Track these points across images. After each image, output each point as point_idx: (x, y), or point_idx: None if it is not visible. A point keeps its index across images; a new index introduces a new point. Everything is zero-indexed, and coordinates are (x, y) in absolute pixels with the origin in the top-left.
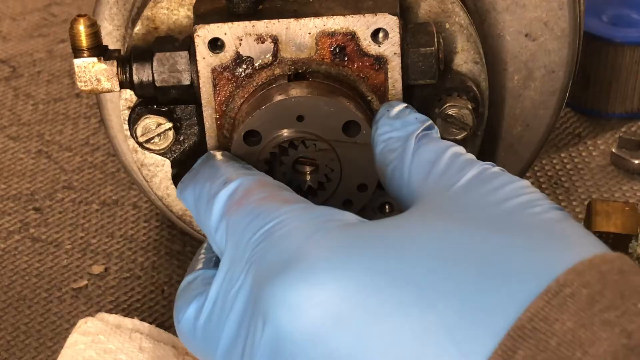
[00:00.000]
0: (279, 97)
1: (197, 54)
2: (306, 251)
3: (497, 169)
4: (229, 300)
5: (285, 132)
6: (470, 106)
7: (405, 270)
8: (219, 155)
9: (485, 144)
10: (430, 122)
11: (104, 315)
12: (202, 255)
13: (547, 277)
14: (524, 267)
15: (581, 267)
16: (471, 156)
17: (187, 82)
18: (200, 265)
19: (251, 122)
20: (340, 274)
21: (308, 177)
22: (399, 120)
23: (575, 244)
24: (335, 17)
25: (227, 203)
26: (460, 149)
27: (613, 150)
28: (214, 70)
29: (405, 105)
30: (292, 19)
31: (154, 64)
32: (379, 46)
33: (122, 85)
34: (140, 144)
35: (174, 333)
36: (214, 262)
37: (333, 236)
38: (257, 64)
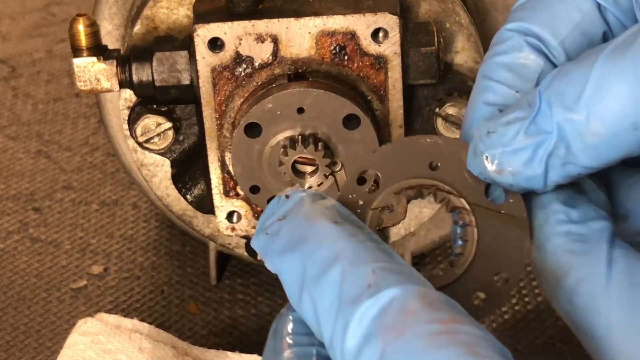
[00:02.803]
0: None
1: (197, 53)
2: None
3: None
4: None
5: (412, 182)
6: None
7: None
8: (325, 205)
9: None
10: (611, 220)
11: (103, 315)
12: (290, 341)
13: None
14: None
15: None
16: None
17: (186, 82)
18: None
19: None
20: None
21: (309, 178)
22: (577, 210)
23: None
24: (335, 16)
25: (378, 324)
26: None
27: None
28: (213, 69)
29: (576, 190)
30: (292, 19)
31: (154, 63)
32: (379, 46)
33: (122, 84)
34: (140, 144)
35: (174, 333)
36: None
37: None
38: (256, 64)
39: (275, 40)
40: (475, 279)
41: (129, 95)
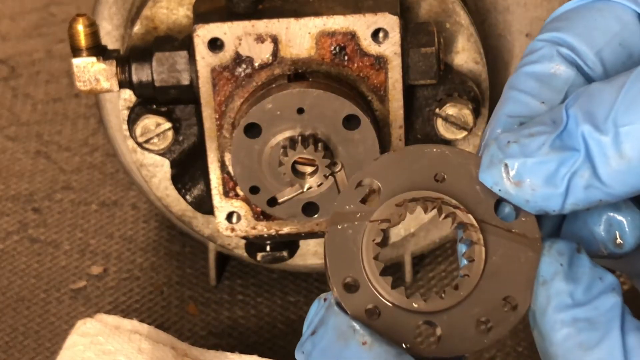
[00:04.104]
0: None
1: (197, 53)
2: None
3: None
4: None
5: (415, 194)
6: (470, 106)
7: None
8: (360, 334)
9: None
10: (618, 283)
11: (102, 316)
12: None
13: None
14: None
15: None
16: None
17: (186, 82)
18: None
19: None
20: None
21: (309, 178)
22: (581, 284)
23: None
24: (335, 16)
25: None
26: None
27: None
28: (213, 70)
29: (576, 246)
30: (292, 19)
31: (154, 63)
32: (379, 46)
33: (122, 85)
34: (140, 144)
35: (173, 334)
36: None
37: None
38: (256, 64)
39: (275, 40)
40: (481, 302)
41: (128, 95)
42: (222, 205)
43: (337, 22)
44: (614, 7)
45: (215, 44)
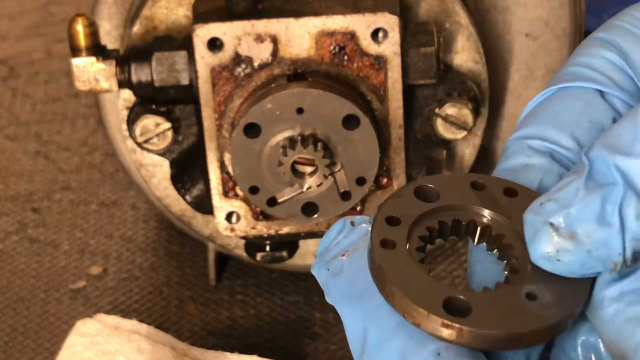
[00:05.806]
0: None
1: (196, 53)
2: None
3: None
4: None
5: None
6: (470, 106)
7: None
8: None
9: (486, 144)
10: None
11: (102, 316)
12: None
13: None
14: None
15: None
16: None
17: (185, 82)
18: None
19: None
20: None
21: (308, 178)
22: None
23: None
24: (334, 16)
25: None
26: None
27: None
28: (213, 70)
29: None
30: (292, 19)
31: (153, 63)
32: (379, 46)
33: (121, 85)
34: (139, 144)
35: (173, 334)
36: None
37: None
38: (256, 64)
39: (274, 40)
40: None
41: (128, 95)
42: (221, 205)
43: (336, 22)
44: (574, 91)
45: (214, 44)
